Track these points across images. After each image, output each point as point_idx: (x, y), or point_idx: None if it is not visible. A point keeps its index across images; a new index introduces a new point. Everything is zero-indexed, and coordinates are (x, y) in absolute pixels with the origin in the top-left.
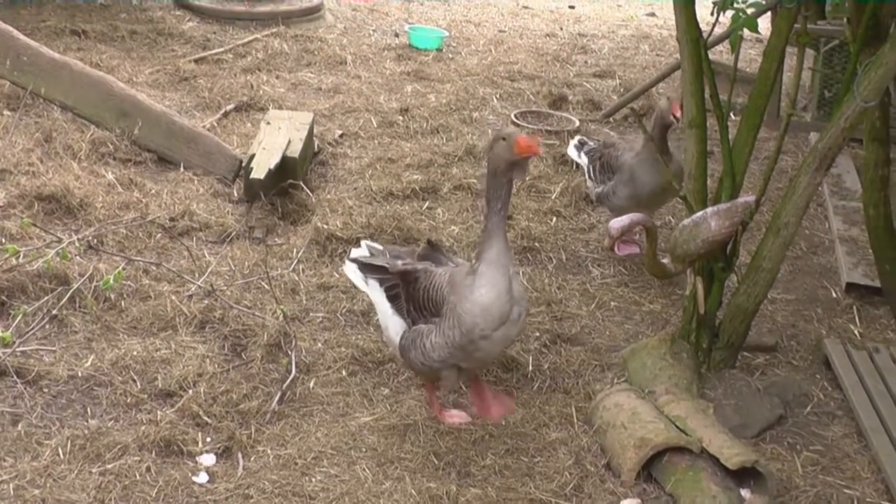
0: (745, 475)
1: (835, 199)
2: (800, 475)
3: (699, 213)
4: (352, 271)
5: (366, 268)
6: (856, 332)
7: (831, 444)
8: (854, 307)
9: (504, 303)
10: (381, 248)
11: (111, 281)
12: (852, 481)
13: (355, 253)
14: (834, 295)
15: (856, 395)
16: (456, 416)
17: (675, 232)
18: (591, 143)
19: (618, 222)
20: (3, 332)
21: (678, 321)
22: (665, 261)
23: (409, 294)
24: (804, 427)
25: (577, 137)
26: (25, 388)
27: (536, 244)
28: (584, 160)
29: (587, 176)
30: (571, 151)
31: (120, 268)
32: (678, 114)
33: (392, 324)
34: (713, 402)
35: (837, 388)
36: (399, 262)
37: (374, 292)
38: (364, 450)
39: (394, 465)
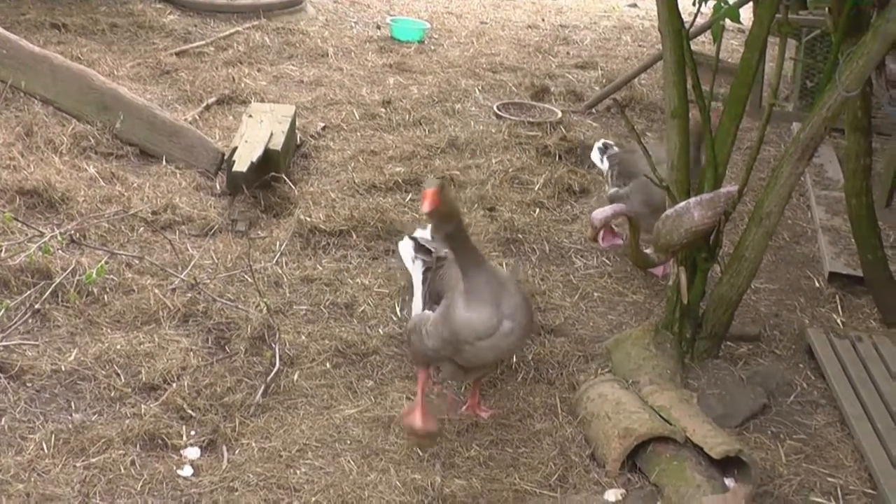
0: (729, 464)
1: (817, 189)
2: (783, 464)
3: (682, 204)
4: (406, 248)
5: (419, 248)
6: (838, 321)
7: (814, 432)
8: (836, 296)
9: (487, 319)
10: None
11: (94, 275)
12: (836, 469)
13: (418, 233)
14: (817, 284)
15: (839, 384)
16: (421, 421)
17: (659, 222)
18: (614, 148)
19: (601, 213)
20: None
21: (661, 311)
22: (648, 251)
23: (431, 279)
24: (787, 416)
25: (602, 141)
26: (9, 383)
27: (520, 235)
28: (605, 165)
29: (606, 180)
30: (595, 156)
31: (103, 262)
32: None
33: (416, 306)
34: (697, 392)
35: (820, 376)
36: (445, 251)
37: (416, 273)
38: (349, 442)
39: (378, 456)
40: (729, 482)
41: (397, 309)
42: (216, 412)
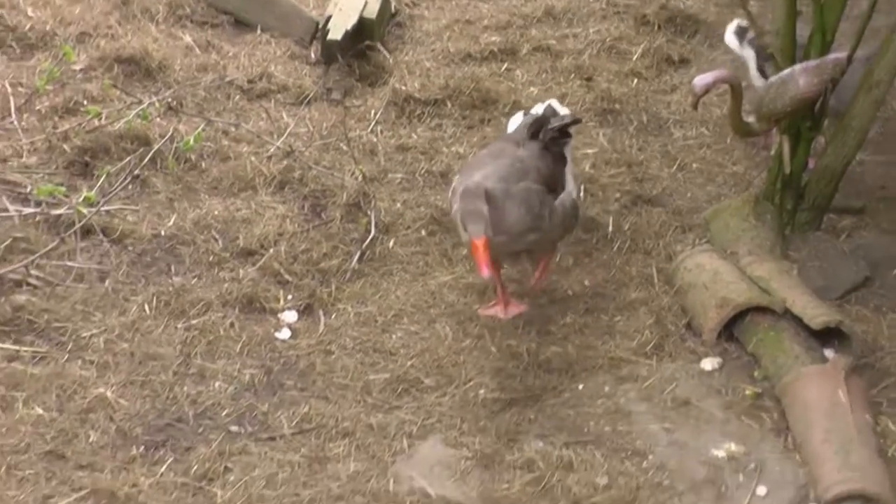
0: (828, 336)
1: None
2: (885, 337)
3: (787, 71)
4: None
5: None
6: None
7: None
8: None
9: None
10: (564, 112)
11: (191, 142)
12: None
13: (535, 110)
14: None
15: None
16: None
17: (762, 90)
18: (750, 33)
19: (702, 79)
20: (87, 191)
21: (762, 182)
22: (750, 120)
23: None
24: (891, 289)
25: (737, 23)
26: (111, 247)
27: (617, 106)
28: (748, 52)
29: (753, 71)
30: (731, 40)
31: (200, 129)
32: None
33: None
34: (797, 264)
35: None
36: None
37: None
38: (444, 308)
39: (473, 322)
40: (828, 353)
41: None
42: (312, 277)
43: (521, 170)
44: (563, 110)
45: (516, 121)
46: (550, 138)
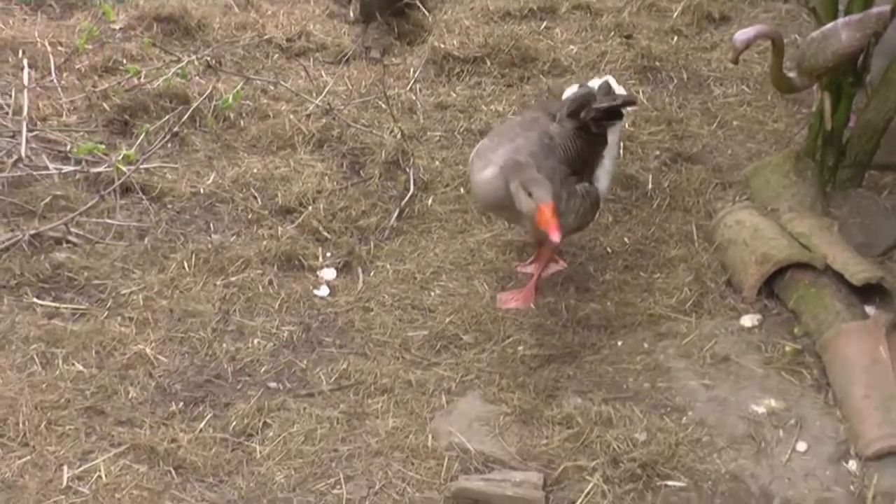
0: (869, 292)
1: None
2: None
3: (829, 25)
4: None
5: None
6: None
7: None
8: None
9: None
10: (622, 92)
11: (230, 100)
12: None
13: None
14: None
15: None
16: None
17: (803, 45)
18: None
19: (743, 34)
20: (127, 149)
21: (803, 139)
22: (791, 75)
23: None
24: None
25: None
26: (150, 204)
27: (657, 63)
28: None
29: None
30: None
31: (238, 87)
32: None
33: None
34: (838, 221)
35: None
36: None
37: None
38: (482, 265)
39: (511, 280)
40: (869, 310)
41: None
42: (351, 235)
43: (549, 147)
44: (620, 89)
45: (571, 91)
46: (592, 118)
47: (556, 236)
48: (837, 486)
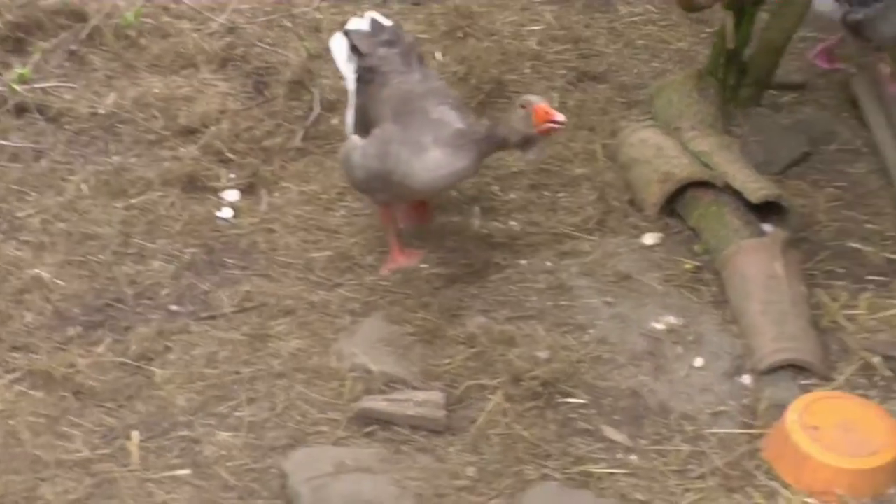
0: (768, 210)
1: None
2: (822, 210)
3: None
4: (338, 46)
5: (353, 47)
6: (886, 71)
7: (855, 180)
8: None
9: None
10: (389, 24)
11: (130, 18)
12: (875, 216)
13: (353, 25)
14: None
15: (881, 133)
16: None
17: None
18: None
19: None
20: (21, 68)
21: (706, 59)
22: None
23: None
24: (829, 164)
25: None
26: (47, 125)
27: None
28: None
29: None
30: None
31: (139, 4)
32: None
33: (348, 124)
34: (739, 139)
35: (864, 126)
36: (383, 50)
37: (350, 79)
38: None
39: None
40: (767, 227)
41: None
42: (255, 156)
43: (453, 104)
44: (387, 21)
45: (340, 41)
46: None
47: (561, 116)
48: (732, 400)
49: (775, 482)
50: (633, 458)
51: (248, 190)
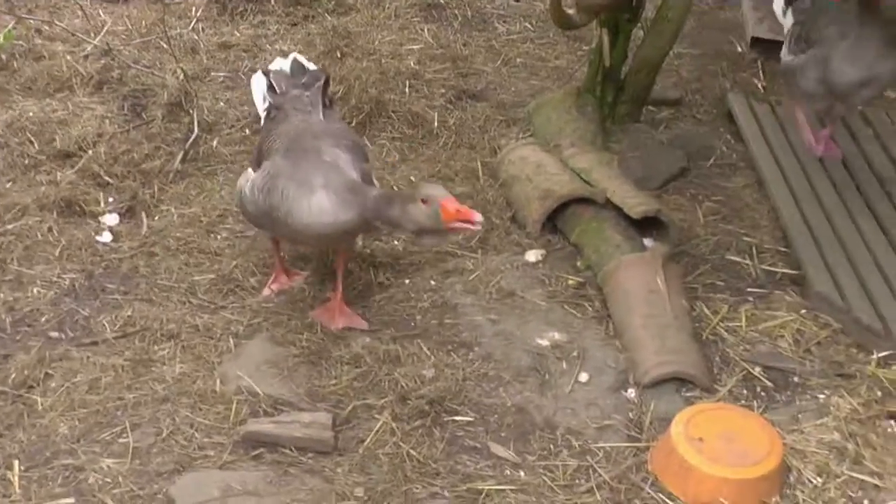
0: (647, 225)
1: None
2: (701, 224)
3: None
4: (258, 85)
5: (271, 86)
6: (759, 85)
7: (732, 194)
8: (758, 61)
9: None
10: (311, 67)
11: (1, 40)
12: (752, 229)
13: (276, 65)
14: (739, 49)
15: (757, 147)
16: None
17: None
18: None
19: None
20: None
21: (583, 76)
22: (571, 12)
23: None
24: (706, 178)
25: None
26: None
27: (441, 1)
28: (788, 20)
29: (785, 42)
30: (777, 5)
31: (10, 27)
32: None
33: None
34: (617, 155)
35: (740, 140)
36: (296, 91)
37: (265, 117)
38: None
39: None
40: (647, 242)
41: None
42: (134, 179)
43: (349, 147)
44: (311, 65)
45: (260, 80)
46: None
47: (478, 216)
48: (617, 414)
49: (662, 494)
50: (521, 474)
51: (127, 213)
